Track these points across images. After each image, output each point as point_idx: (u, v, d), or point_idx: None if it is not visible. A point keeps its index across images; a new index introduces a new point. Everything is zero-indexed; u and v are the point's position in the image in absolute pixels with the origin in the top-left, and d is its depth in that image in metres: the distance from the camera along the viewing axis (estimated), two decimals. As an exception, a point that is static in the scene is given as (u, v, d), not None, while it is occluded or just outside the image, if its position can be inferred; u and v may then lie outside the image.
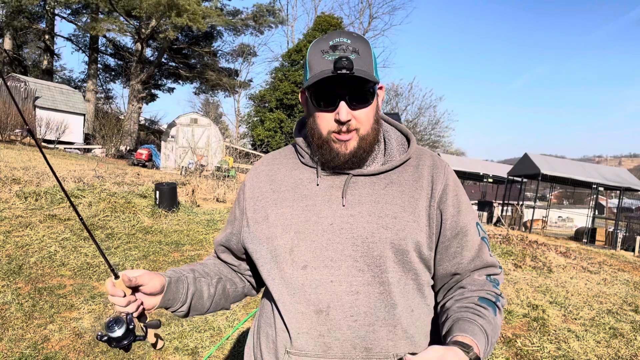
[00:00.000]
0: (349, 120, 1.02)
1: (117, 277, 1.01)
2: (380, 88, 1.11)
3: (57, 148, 18.25)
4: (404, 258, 1.05)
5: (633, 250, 12.61)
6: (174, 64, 30.99)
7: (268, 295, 1.15)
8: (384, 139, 1.17)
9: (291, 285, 1.06)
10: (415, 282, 1.08)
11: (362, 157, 1.08)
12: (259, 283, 1.30)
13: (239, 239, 1.20)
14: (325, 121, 1.04)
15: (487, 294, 1.07)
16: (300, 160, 1.17)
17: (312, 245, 1.05)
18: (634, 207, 35.89)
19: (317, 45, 1.05)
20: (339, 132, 1.04)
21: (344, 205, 1.07)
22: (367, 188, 1.09)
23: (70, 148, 19.55)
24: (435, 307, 1.15)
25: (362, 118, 1.04)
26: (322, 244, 1.05)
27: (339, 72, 0.96)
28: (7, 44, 26.48)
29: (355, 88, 1.01)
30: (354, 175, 1.10)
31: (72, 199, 6.76)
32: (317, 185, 1.11)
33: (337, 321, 1.02)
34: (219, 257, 1.31)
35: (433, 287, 1.16)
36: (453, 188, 1.13)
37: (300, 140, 1.19)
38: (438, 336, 1.12)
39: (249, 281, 1.30)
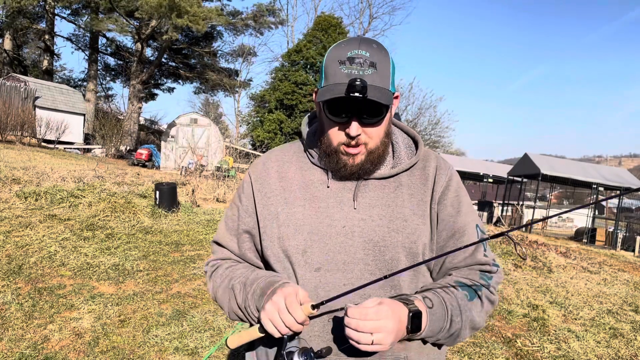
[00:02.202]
0: (359, 135, 1.02)
1: (316, 307, 0.94)
2: (396, 97, 1.10)
3: (57, 148, 18.25)
4: (415, 261, 1.06)
5: (633, 251, 12.60)
6: (174, 64, 30.99)
7: None
8: (392, 142, 1.16)
9: (303, 287, 1.05)
10: (423, 284, 1.10)
11: (369, 170, 1.08)
12: None
13: (258, 234, 1.16)
14: (335, 133, 1.05)
15: (468, 281, 1.08)
16: (310, 160, 1.16)
17: (326, 247, 1.05)
18: (634, 207, 35.89)
19: (335, 52, 1.02)
20: (348, 145, 1.04)
21: (355, 208, 1.07)
22: (377, 191, 1.09)
23: (70, 148, 19.55)
24: None
25: (373, 134, 1.04)
26: (335, 247, 1.05)
27: (351, 95, 0.95)
28: (7, 44, 26.48)
29: (368, 108, 1.00)
30: (365, 179, 1.10)
31: (72, 199, 6.78)
32: (328, 187, 1.10)
33: None
34: (245, 260, 1.21)
35: None
36: (454, 189, 1.13)
37: (309, 137, 1.18)
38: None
39: None
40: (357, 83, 0.94)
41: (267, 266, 1.17)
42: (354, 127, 1.01)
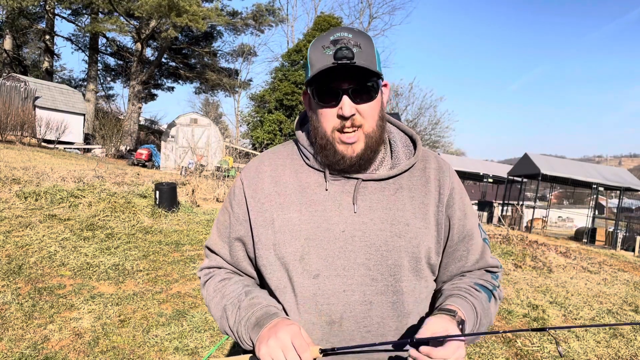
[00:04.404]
0: (353, 115, 0.98)
1: (325, 352, 0.91)
2: (385, 85, 1.07)
3: (57, 148, 18.24)
4: (418, 266, 1.04)
5: (633, 250, 12.59)
6: (174, 64, 31.00)
7: None
8: (389, 141, 1.13)
9: (302, 295, 1.02)
10: (427, 289, 1.08)
11: (369, 158, 1.04)
12: None
13: (252, 242, 1.11)
14: (328, 118, 1.00)
15: (484, 282, 1.10)
16: (305, 162, 1.11)
17: (324, 253, 1.02)
18: (634, 207, 35.87)
19: (317, 42, 1.01)
20: (342, 130, 1.00)
21: (355, 212, 1.04)
22: (377, 194, 1.06)
23: (70, 148, 19.55)
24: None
25: (367, 113, 1.00)
26: (334, 252, 1.02)
27: (339, 62, 0.93)
28: (7, 44, 26.47)
29: (358, 81, 0.97)
30: (364, 180, 1.06)
31: (72, 199, 6.77)
32: (326, 190, 1.06)
33: (350, 332, 1.00)
34: (238, 268, 1.16)
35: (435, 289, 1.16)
36: (459, 191, 1.12)
37: (302, 138, 1.13)
38: None
39: None
40: (344, 49, 0.94)
41: (261, 275, 1.13)
42: (347, 104, 0.97)
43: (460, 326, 0.94)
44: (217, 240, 1.18)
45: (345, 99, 0.97)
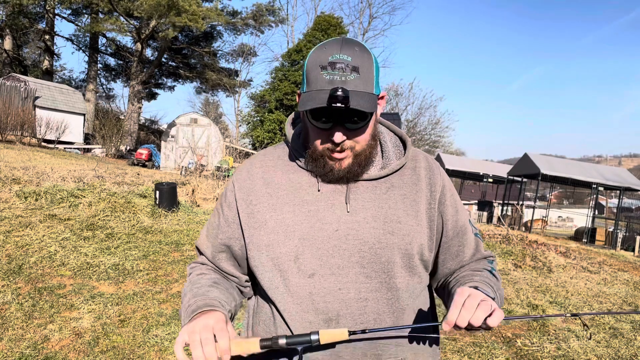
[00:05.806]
0: (344, 141, 1.00)
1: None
2: (382, 97, 1.07)
3: (57, 148, 18.24)
4: (410, 262, 1.06)
5: (633, 250, 12.59)
6: (174, 64, 30.99)
7: (268, 303, 1.11)
8: (380, 142, 1.15)
9: (297, 294, 1.03)
10: (420, 285, 1.10)
11: (357, 172, 1.06)
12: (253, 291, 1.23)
13: (242, 244, 1.13)
14: (320, 138, 1.03)
15: (482, 267, 1.15)
16: (297, 163, 1.12)
17: (318, 252, 1.03)
18: (634, 207, 35.88)
19: (316, 56, 0.99)
20: (333, 151, 1.02)
21: (348, 211, 1.05)
22: (369, 193, 1.08)
23: (70, 148, 19.55)
24: (432, 306, 1.19)
25: (358, 138, 1.02)
26: (328, 250, 1.03)
27: (332, 105, 0.92)
28: (7, 44, 26.47)
29: (351, 114, 0.98)
30: (355, 180, 1.08)
31: (72, 199, 6.78)
32: (319, 190, 1.08)
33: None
34: (218, 267, 1.18)
35: (430, 285, 1.20)
36: (449, 188, 1.15)
37: (294, 140, 1.15)
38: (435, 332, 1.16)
39: (243, 293, 1.21)
40: (339, 93, 0.91)
41: (253, 276, 1.14)
42: (338, 135, 0.98)
43: (478, 289, 0.96)
44: (205, 240, 1.20)
45: (337, 131, 0.99)
